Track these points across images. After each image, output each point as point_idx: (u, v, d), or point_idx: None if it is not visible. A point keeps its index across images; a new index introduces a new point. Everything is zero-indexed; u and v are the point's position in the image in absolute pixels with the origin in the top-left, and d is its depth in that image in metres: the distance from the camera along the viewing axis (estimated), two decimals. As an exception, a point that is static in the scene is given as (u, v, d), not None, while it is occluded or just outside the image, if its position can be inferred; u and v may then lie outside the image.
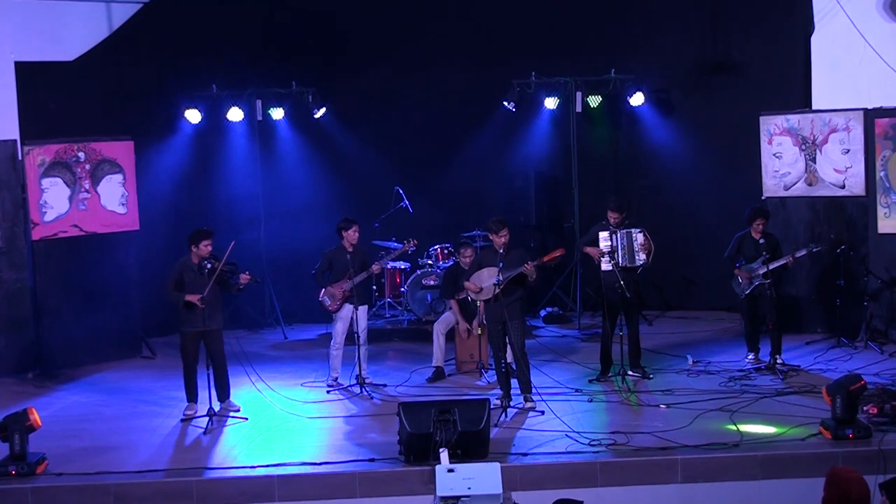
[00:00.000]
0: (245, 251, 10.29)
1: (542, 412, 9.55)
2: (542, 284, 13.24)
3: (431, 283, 13.10)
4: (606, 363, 10.71)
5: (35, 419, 8.55)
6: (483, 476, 7.58)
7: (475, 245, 12.23)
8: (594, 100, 13.71)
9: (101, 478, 8.35)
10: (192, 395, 10.05)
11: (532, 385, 9.81)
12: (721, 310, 13.45)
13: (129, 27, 13.44)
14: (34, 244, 11.87)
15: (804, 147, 12.40)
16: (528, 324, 12.04)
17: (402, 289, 13.53)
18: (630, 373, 10.42)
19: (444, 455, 8.00)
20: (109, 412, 10.36)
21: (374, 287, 13.76)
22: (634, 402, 9.84)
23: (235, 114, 13.50)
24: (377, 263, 10.96)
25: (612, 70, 13.57)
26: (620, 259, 10.51)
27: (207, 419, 9.55)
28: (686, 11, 13.92)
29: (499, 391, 9.91)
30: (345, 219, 10.95)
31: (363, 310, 10.90)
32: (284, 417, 9.89)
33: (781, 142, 12.51)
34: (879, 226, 11.93)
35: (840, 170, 12.23)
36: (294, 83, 13.63)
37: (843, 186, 12.21)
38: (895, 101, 12.13)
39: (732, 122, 13.46)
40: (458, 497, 7.43)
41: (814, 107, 12.80)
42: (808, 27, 13.04)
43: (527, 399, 9.75)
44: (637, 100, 13.63)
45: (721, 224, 12.47)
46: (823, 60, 13.00)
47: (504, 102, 13.60)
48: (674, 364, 11.21)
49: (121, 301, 12.43)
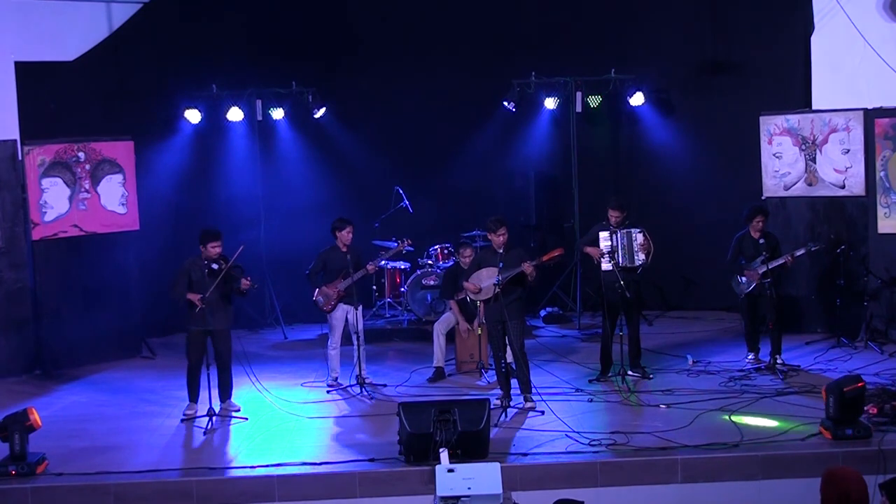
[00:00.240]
0: (245, 251, 10.27)
1: (542, 412, 9.54)
2: (542, 284, 13.24)
3: (431, 283, 13.09)
4: (606, 363, 10.70)
5: (35, 419, 8.54)
6: (483, 476, 7.58)
7: (475, 245, 12.23)
8: (594, 100, 13.70)
9: (101, 478, 8.35)
10: (194, 396, 10.04)
11: (532, 385, 9.81)
12: (721, 310, 13.45)
13: (129, 27, 13.43)
14: (34, 244, 11.86)
15: (804, 147, 12.40)
16: (528, 324, 12.03)
17: (402, 289, 13.52)
18: (630, 373, 10.42)
19: (444, 455, 8.00)
20: (109, 412, 10.36)
21: (374, 287, 13.79)
22: (635, 402, 9.84)
23: (235, 114, 13.49)
24: (371, 263, 10.94)
25: (612, 70, 13.57)
26: (620, 259, 10.51)
27: (207, 419, 9.55)
28: (686, 12, 13.91)
29: (499, 391, 9.91)
30: (339, 219, 10.94)
31: (360, 309, 10.89)
32: (284, 417, 9.88)
33: (781, 142, 12.51)
34: (879, 226, 11.93)
35: (840, 170, 12.22)
36: (294, 83, 13.63)
37: (843, 186, 12.21)
38: (895, 101, 12.13)
39: (732, 122, 13.45)
40: (458, 497, 7.43)
41: (814, 107, 12.79)
42: (808, 27, 13.04)
43: (527, 399, 9.75)
44: (637, 100, 13.62)
45: (721, 224, 12.44)
46: (823, 60, 12.99)
47: (504, 102, 13.59)
48: (674, 364, 11.21)
49: (121, 301, 12.43)
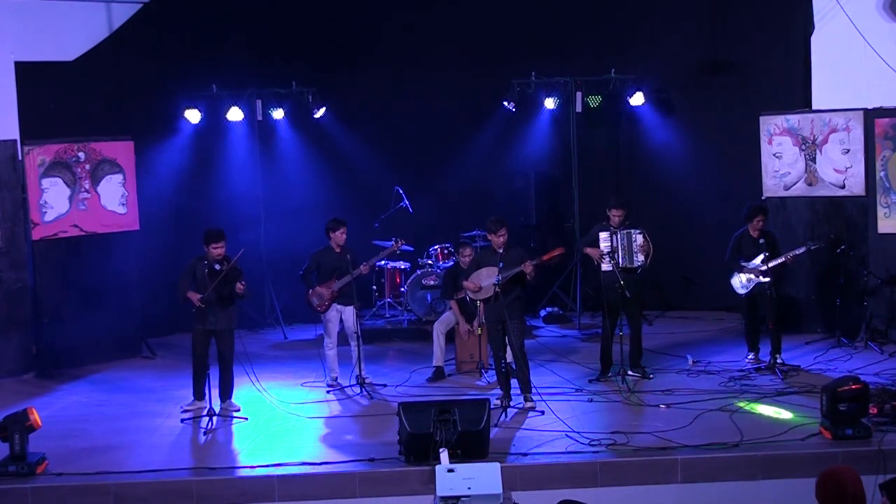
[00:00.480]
0: (245, 251, 10.28)
1: (542, 412, 9.54)
2: (542, 284, 13.24)
3: (431, 283, 13.09)
4: (606, 363, 10.70)
5: (35, 419, 8.54)
6: (483, 476, 7.57)
7: (475, 245, 12.23)
8: (594, 100, 13.70)
9: (101, 478, 8.34)
10: (199, 393, 10.04)
11: (532, 385, 9.81)
12: (721, 310, 13.45)
13: (129, 27, 13.44)
14: (34, 244, 11.86)
15: (804, 147, 12.40)
16: (528, 324, 12.04)
17: (402, 289, 13.51)
18: (630, 373, 10.42)
19: (444, 455, 7.99)
20: (109, 412, 10.35)
21: (374, 287, 13.78)
22: (635, 402, 9.84)
23: (235, 114, 13.49)
24: (365, 264, 10.93)
25: (612, 70, 13.57)
26: (620, 260, 10.50)
27: (207, 419, 9.55)
28: (686, 11, 13.92)
29: (499, 391, 9.90)
30: (333, 219, 10.93)
31: (355, 309, 10.87)
32: (284, 417, 9.88)
33: (781, 142, 12.51)
34: (879, 226, 11.92)
35: (840, 170, 12.22)
36: (294, 83, 13.63)
37: (843, 186, 12.21)
38: (895, 101, 12.13)
39: (732, 122, 13.46)
40: (458, 497, 7.42)
41: (814, 107, 12.79)
42: (808, 27, 13.04)
43: (527, 399, 9.75)
44: (637, 100, 13.62)
45: (721, 224, 12.44)
46: (823, 60, 12.99)
47: (504, 102, 13.60)
48: (674, 364, 11.21)
49: (121, 301, 12.43)
